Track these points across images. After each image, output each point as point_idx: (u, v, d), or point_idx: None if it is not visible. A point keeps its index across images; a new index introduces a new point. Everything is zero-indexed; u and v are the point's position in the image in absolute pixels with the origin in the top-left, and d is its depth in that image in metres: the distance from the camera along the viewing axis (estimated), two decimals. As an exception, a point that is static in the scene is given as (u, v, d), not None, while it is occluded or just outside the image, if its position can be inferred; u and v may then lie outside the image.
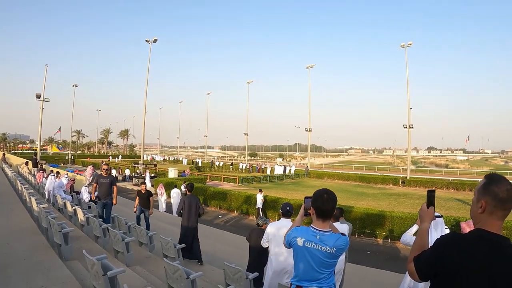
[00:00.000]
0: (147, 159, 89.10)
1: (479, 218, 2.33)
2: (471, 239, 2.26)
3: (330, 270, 3.57)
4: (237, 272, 7.02)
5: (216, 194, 27.82)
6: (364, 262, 13.74)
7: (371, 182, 49.63)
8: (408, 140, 53.55)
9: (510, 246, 2.21)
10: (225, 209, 26.51)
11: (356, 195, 36.09)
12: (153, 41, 50.04)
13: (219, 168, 70.83)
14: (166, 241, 9.95)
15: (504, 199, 2.23)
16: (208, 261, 11.33)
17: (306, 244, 3.48)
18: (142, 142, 56.92)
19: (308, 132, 66.06)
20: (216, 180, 47.08)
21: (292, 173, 59.21)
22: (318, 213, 3.58)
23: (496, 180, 2.30)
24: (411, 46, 50.81)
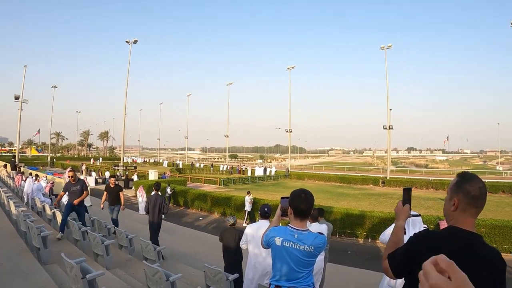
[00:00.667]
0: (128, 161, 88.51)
1: (452, 215, 2.36)
2: (444, 236, 2.29)
3: (309, 269, 3.61)
4: (217, 273, 7.03)
5: (196, 196, 27.64)
6: (345, 262, 13.85)
7: (352, 183, 49.85)
8: (388, 140, 54.03)
9: (482, 244, 2.23)
10: (206, 211, 26.37)
11: (336, 195, 36.25)
12: (133, 42, 49.79)
13: (199, 170, 70.63)
14: (146, 244, 9.92)
15: (476, 197, 2.27)
16: (189, 263, 11.30)
17: (285, 244, 3.52)
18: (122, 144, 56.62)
19: (289, 133, 66.26)
20: (197, 182, 46.86)
21: (273, 174, 59.27)
22: (296, 213, 3.62)
23: (469, 178, 2.34)
24: (391, 48, 51.36)
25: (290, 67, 66.96)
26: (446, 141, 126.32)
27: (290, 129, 65.99)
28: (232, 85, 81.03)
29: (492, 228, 16.21)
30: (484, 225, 16.32)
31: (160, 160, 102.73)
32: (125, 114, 50.52)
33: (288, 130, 66.02)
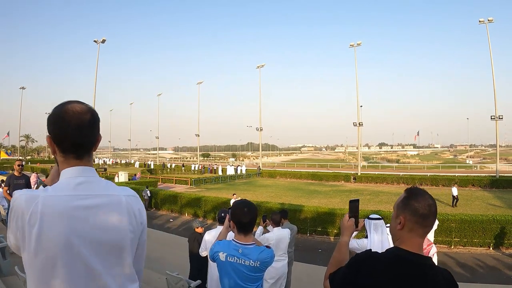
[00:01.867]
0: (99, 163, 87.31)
1: (398, 235, 2.16)
2: (388, 259, 2.09)
3: (257, 284, 3.51)
4: (179, 280, 6.91)
5: (166, 197, 27.50)
6: (316, 261, 13.84)
7: (323, 180, 50.02)
8: (358, 137, 54.59)
9: (430, 267, 2.05)
10: (176, 212, 26.22)
11: (308, 193, 36.43)
12: (101, 42, 49.07)
13: (171, 170, 70.16)
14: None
15: (425, 215, 2.09)
16: (155, 268, 11.12)
17: (229, 259, 3.40)
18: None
19: (259, 131, 66.27)
20: (168, 183, 46.69)
21: (244, 172, 59.34)
22: (239, 227, 3.51)
23: (417, 195, 2.15)
24: (360, 45, 51.80)
25: (260, 65, 66.86)
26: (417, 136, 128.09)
27: (261, 127, 65.91)
28: (202, 84, 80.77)
29: (462, 223, 16.48)
30: (454, 220, 16.57)
31: (132, 161, 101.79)
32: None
33: (259, 128, 66.00)
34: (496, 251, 16.03)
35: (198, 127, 77.29)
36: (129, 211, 1.85)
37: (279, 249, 6.91)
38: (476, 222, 16.38)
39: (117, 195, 1.86)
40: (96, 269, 1.69)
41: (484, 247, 16.32)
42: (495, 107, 42.40)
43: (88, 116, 1.84)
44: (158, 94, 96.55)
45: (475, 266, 14.30)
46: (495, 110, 42.39)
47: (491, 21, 43.20)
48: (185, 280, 6.86)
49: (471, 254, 15.68)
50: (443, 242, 16.27)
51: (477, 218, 16.59)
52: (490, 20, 43.18)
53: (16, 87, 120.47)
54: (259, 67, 66.72)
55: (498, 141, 45.63)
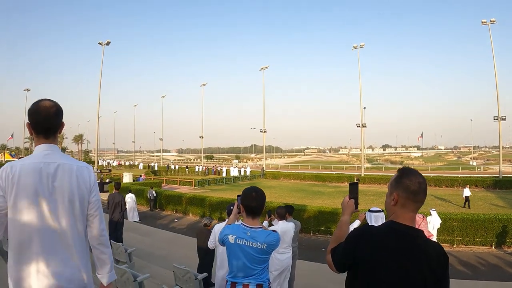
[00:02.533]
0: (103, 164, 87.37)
1: (392, 210, 2.40)
2: (383, 231, 2.34)
3: (263, 266, 3.68)
4: (186, 273, 7.09)
5: (171, 197, 27.69)
6: (319, 259, 13.95)
7: (327, 181, 50.10)
8: (362, 138, 54.54)
9: (421, 237, 2.30)
10: (180, 213, 26.38)
11: (311, 194, 36.53)
12: (106, 44, 49.04)
13: (175, 172, 70.23)
14: (116, 246, 9.92)
15: (415, 192, 2.31)
16: (161, 264, 11.31)
17: (238, 241, 3.58)
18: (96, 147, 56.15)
19: (263, 133, 66.21)
20: (172, 184, 46.77)
21: (248, 174, 59.32)
22: (247, 211, 3.70)
23: (408, 173, 2.38)
24: (363, 47, 51.87)
25: (264, 67, 66.89)
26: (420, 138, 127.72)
27: (264, 129, 65.93)
28: (206, 86, 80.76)
29: (464, 222, 16.60)
30: (456, 219, 16.69)
31: (136, 163, 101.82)
32: (99, 117, 49.93)
33: (263, 130, 66.02)
34: (498, 249, 16.14)
35: (202, 129, 77.31)
36: (77, 176, 2.68)
37: (284, 242, 7.07)
38: (478, 221, 16.50)
39: (71, 164, 2.71)
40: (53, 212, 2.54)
41: (486, 246, 16.43)
42: (498, 108, 42.37)
43: (54, 109, 2.69)
44: (162, 96, 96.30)
45: (477, 264, 14.40)
46: (498, 111, 42.35)
47: (493, 22, 43.23)
48: (192, 273, 7.03)
49: (473, 253, 15.77)
50: (446, 241, 16.36)
51: (479, 217, 16.71)
52: (492, 21, 43.20)
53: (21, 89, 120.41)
54: (263, 69, 66.71)
55: (501, 142, 45.62)
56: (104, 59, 49.48)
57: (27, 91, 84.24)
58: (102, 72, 49.37)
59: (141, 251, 12.03)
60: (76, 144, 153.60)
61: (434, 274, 2.19)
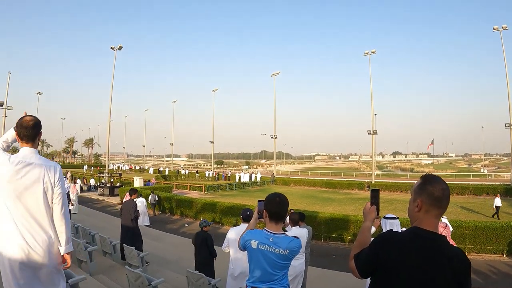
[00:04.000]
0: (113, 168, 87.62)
1: (415, 216, 2.43)
2: (407, 237, 2.36)
3: (284, 272, 3.68)
4: (199, 278, 7.08)
5: (181, 202, 27.71)
6: (330, 266, 13.92)
7: (337, 188, 50.02)
8: (372, 145, 54.33)
9: (445, 243, 2.32)
10: (191, 218, 26.39)
11: (322, 200, 36.45)
12: (118, 49, 49.22)
13: (185, 177, 70.35)
14: (129, 250, 9.95)
15: (439, 198, 2.33)
16: (173, 268, 11.36)
17: (260, 247, 3.58)
18: (107, 151, 56.26)
19: (274, 139, 66.20)
20: (182, 189, 46.81)
21: (258, 180, 59.31)
22: (271, 216, 3.70)
23: (432, 180, 2.41)
24: (374, 53, 51.75)
25: (275, 73, 66.83)
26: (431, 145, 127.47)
27: (275, 135, 65.88)
28: (217, 91, 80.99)
29: (476, 230, 16.44)
30: (467, 227, 16.55)
31: (146, 167, 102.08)
32: (110, 121, 50.14)
33: (273, 136, 66.03)
34: (509, 258, 15.98)
35: (213, 134, 77.35)
36: (46, 172, 3.58)
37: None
38: (490, 229, 16.35)
39: (42, 164, 3.58)
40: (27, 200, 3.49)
41: (497, 254, 16.28)
42: (510, 115, 42.06)
43: (32, 123, 3.62)
44: (173, 101, 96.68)
45: (489, 273, 14.28)
46: (510, 118, 42.01)
47: (505, 28, 43.00)
48: (205, 278, 7.02)
49: (484, 261, 15.62)
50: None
51: (491, 225, 16.58)
52: (504, 28, 42.97)
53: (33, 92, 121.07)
54: (274, 75, 66.68)
55: (513, 149, 45.34)
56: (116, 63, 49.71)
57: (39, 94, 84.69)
58: (114, 76, 49.58)
59: (152, 256, 12.08)
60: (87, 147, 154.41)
61: (456, 279, 2.20)
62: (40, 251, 3.46)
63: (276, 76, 66.93)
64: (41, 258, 3.48)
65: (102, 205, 33.19)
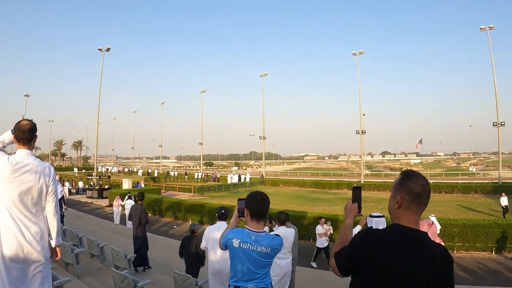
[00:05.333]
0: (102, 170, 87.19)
1: (396, 213, 2.39)
2: (387, 234, 2.33)
3: (266, 270, 3.71)
4: (186, 279, 7.07)
5: (170, 204, 27.69)
6: (319, 266, 14.03)
7: (326, 188, 50.33)
8: (361, 145, 54.94)
9: (426, 239, 2.30)
10: (180, 219, 26.34)
11: (311, 200, 36.68)
12: (106, 50, 49.17)
13: (174, 178, 70.26)
14: (116, 252, 9.91)
15: (419, 194, 2.30)
16: (161, 270, 11.35)
17: (242, 245, 3.59)
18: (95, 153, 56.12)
19: (262, 140, 66.52)
20: (171, 191, 46.88)
21: (247, 181, 59.39)
22: (252, 215, 3.71)
23: (412, 176, 2.38)
24: (362, 54, 52.23)
25: (263, 74, 67.31)
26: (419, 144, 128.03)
27: (264, 136, 66.24)
28: (205, 92, 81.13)
29: (464, 228, 16.64)
30: (456, 225, 16.73)
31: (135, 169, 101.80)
32: (98, 123, 50.13)
33: (262, 137, 66.25)
34: (498, 255, 16.22)
35: (202, 136, 77.53)
36: (41, 172, 3.83)
37: (284, 247, 7.04)
38: (478, 226, 16.55)
39: (37, 164, 3.83)
40: (22, 196, 3.71)
41: (486, 251, 16.49)
42: (497, 114, 42.79)
43: (29, 127, 3.86)
44: (161, 103, 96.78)
45: (478, 270, 14.44)
46: (497, 117, 42.84)
47: (492, 28, 43.85)
48: (192, 279, 7.01)
49: (473, 258, 15.82)
50: (446, 247, 16.26)
51: (479, 223, 16.78)
52: (491, 28, 43.87)
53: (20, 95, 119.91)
54: (262, 76, 67.15)
55: (501, 147, 45.94)
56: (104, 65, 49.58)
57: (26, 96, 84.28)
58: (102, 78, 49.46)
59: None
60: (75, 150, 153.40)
61: (438, 275, 2.17)
62: (34, 243, 3.73)
63: (265, 77, 67.26)
64: (34, 249, 3.73)
65: (90, 208, 33.08)
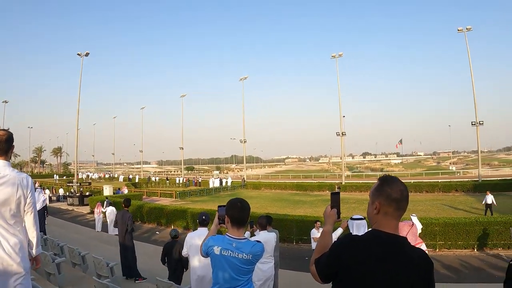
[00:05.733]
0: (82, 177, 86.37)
1: (374, 219, 2.38)
2: (366, 240, 2.32)
3: (248, 276, 3.72)
4: (169, 286, 7.07)
5: (152, 210, 27.57)
6: (303, 268, 14.02)
7: (308, 190, 50.50)
8: (342, 147, 55.31)
9: (405, 244, 2.29)
10: (162, 225, 26.22)
11: (293, 203, 36.74)
12: (85, 55, 48.69)
13: (155, 184, 69.88)
14: (98, 260, 9.84)
15: (397, 199, 2.29)
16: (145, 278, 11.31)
17: (223, 252, 3.59)
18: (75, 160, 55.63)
19: (243, 143, 66.60)
20: (153, 196, 46.57)
21: (229, 185, 59.37)
22: (232, 222, 3.72)
23: (390, 181, 2.36)
24: (342, 56, 52.66)
25: (243, 78, 67.43)
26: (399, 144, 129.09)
27: (244, 140, 66.35)
28: (186, 97, 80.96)
29: (446, 226, 16.91)
30: (437, 224, 16.99)
31: (116, 175, 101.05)
32: (78, 129, 49.61)
33: (243, 141, 66.30)
34: (480, 252, 16.50)
35: (182, 140, 77.28)
36: (19, 184, 3.73)
37: (266, 252, 7.06)
38: (460, 224, 16.85)
39: (15, 175, 3.74)
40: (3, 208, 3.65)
41: (468, 248, 16.76)
42: (476, 114, 43.66)
43: (5, 137, 3.76)
44: (141, 108, 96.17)
45: (460, 267, 14.65)
46: (476, 117, 43.70)
47: (469, 29, 44.66)
48: (175, 286, 7.01)
49: (456, 256, 16.06)
50: (428, 245, 16.45)
51: (460, 221, 17.09)
52: (468, 29, 44.69)
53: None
54: (242, 79, 67.21)
55: (480, 146, 46.75)
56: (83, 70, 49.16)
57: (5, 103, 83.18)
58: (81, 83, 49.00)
59: (122, 265, 11.93)
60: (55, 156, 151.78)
61: (419, 280, 2.19)
62: (13, 254, 3.68)
63: (245, 80, 67.24)
64: (14, 261, 3.70)
65: (71, 215, 32.67)
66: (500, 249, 16.62)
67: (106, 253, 13.26)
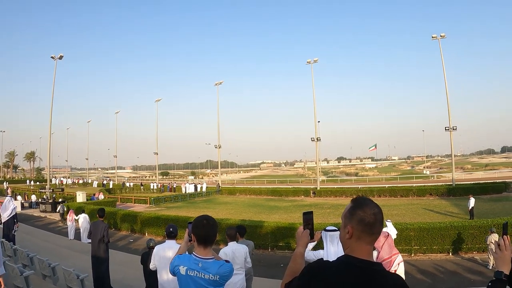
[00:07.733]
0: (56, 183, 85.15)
1: (347, 244, 2.25)
2: (337, 266, 2.17)
3: None
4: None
5: (126, 216, 27.26)
6: (278, 275, 13.93)
7: (283, 195, 50.63)
8: (316, 152, 55.75)
9: (379, 272, 2.15)
10: (136, 232, 25.94)
11: (268, 209, 36.75)
12: (58, 58, 47.99)
13: (130, 189, 69.31)
14: (68, 272, 9.60)
15: (371, 224, 2.18)
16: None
17: (189, 273, 3.48)
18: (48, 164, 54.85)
19: (218, 148, 66.67)
20: (127, 202, 46.16)
21: (204, 190, 59.17)
22: (199, 240, 3.60)
23: (362, 204, 2.24)
24: (317, 62, 53.12)
25: (218, 83, 67.53)
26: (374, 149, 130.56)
27: (219, 145, 66.45)
28: (160, 101, 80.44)
29: (421, 231, 17.10)
30: (412, 229, 17.16)
31: (90, 181, 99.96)
32: (51, 133, 48.92)
33: (218, 146, 66.27)
34: (455, 256, 16.73)
35: (157, 145, 76.84)
36: None
37: (235, 263, 6.96)
38: (434, 229, 17.05)
39: None
40: None
41: (443, 253, 16.98)
42: (449, 119, 44.69)
43: None
44: (116, 112, 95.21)
45: (436, 272, 14.82)
46: (449, 122, 44.76)
47: (443, 37, 45.64)
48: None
49: (431, 261, 16.24)
50: (403, 250, 16.61)
51: (435, 226, 17.30)
52: (442, 36, 45.62)
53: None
54: (217, 84, 67.24)
55: (453, 150, 47.75)
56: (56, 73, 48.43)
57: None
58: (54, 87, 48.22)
59: (95, 276, 11.70)
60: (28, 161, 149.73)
61: None
62: None
63: (219, 85, 67.27)
64: None
65: (44, 223, 32.13)
66: (475, 253, 16.87)
67: (78, 262, 13.02)
